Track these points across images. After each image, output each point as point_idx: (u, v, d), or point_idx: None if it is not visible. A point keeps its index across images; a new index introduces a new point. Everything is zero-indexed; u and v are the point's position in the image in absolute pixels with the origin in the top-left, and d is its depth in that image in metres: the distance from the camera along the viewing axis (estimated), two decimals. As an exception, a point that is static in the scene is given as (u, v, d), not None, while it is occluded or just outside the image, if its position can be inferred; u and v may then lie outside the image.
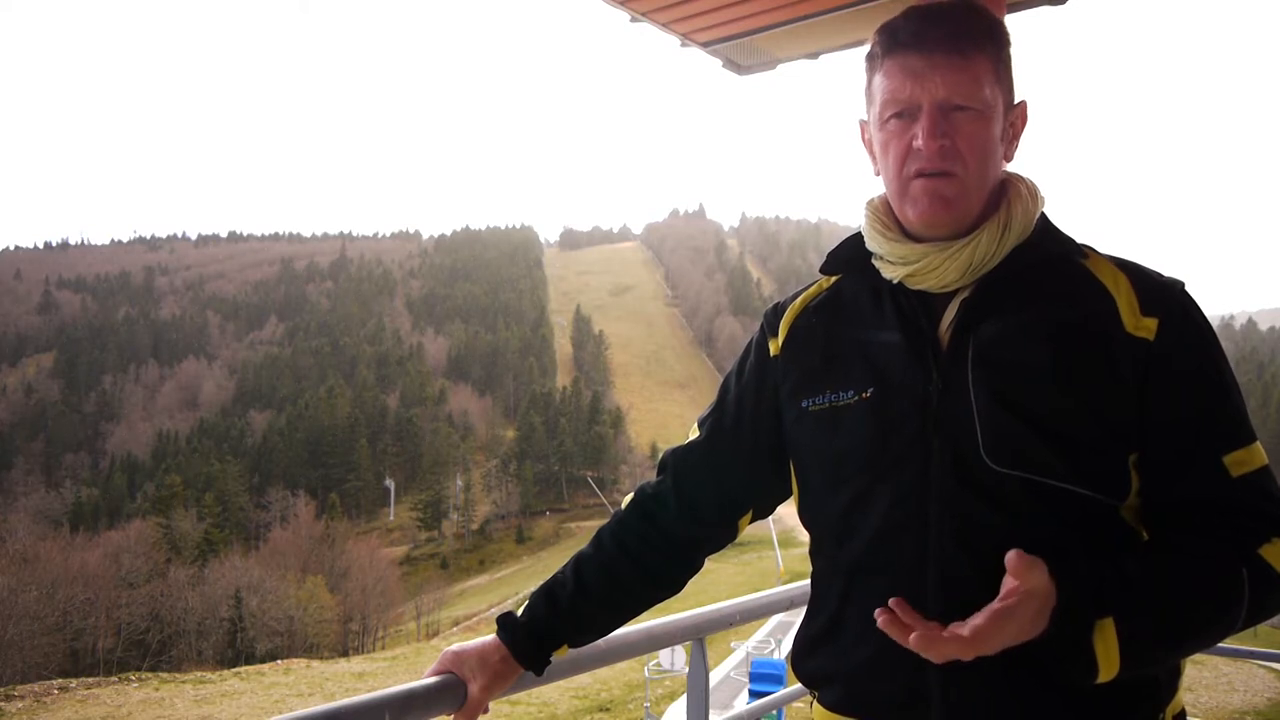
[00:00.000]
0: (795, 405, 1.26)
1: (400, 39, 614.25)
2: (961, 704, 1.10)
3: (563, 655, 1.37)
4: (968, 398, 1.11)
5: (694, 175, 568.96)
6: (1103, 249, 1.21)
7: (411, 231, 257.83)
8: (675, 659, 15.86)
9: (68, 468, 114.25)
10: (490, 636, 1.34)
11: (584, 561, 1.37)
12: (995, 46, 1.15)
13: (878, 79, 1.17)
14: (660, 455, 1.27)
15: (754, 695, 13.32)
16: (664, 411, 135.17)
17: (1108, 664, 1.01)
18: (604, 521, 1.40)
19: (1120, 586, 1.02)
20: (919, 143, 1.12)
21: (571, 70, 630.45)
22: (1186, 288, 1.15)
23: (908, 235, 1.20)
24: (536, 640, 1.33)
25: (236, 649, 51.67)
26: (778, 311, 1.35)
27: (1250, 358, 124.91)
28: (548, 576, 1.36)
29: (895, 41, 1.14)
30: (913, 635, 0.99)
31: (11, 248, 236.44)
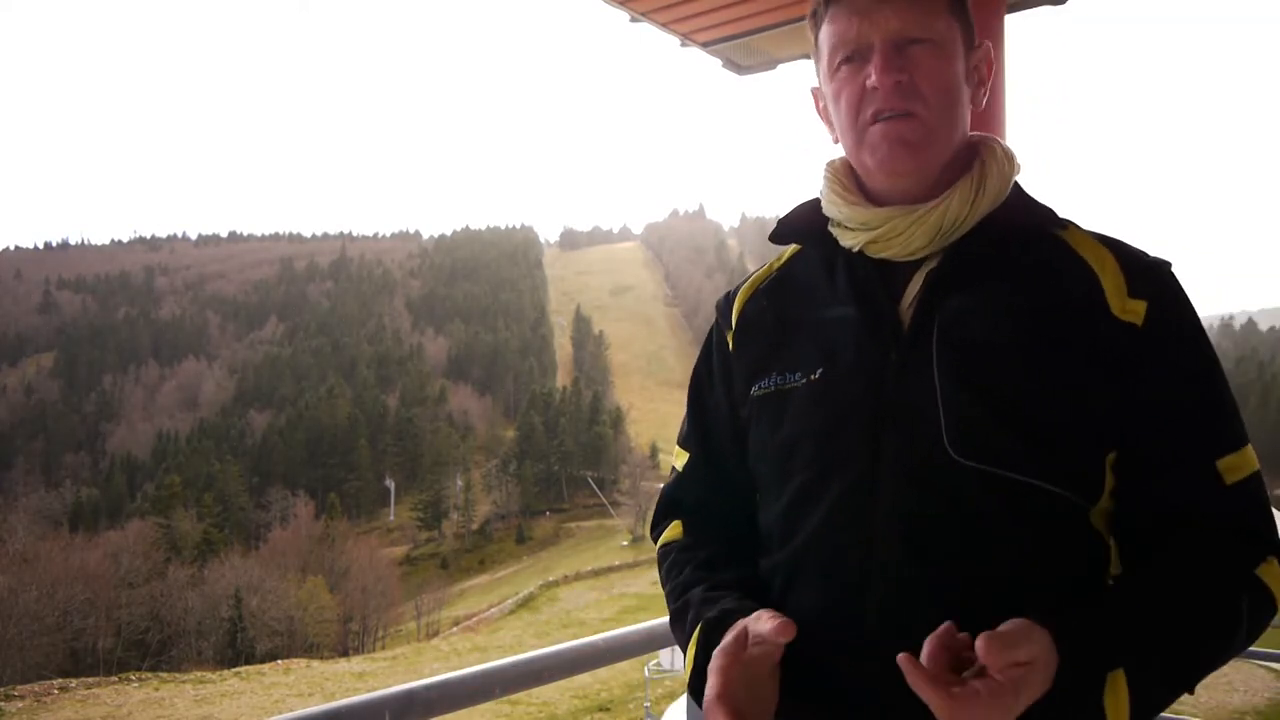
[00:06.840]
0: (746, 395, 1.13)
1: (400, 38, 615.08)
2: None
3: None
4: (931, 380, 0.97)
5: (694, 175, 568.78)
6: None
7: (411, 231, 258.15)
8: (675, 659, 15.73)
9: (68, 468, 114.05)
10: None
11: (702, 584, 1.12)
12: None
13: (824, 30, 1.05)
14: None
15: (754, 695, 13.30)
16: (664, 411, 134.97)
17: (1117, 718, 0.87)
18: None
19: (1129, 633, 0.88)
20: (872, 81, 0.99)
21: (571, 70, 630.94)
22: (1174, 268, 1.02)
23: (870, 200, 1.08)
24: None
25: (236, 649, 51.60)
26: (729, 299, 1.22)
27: (1250, 358, 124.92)
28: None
29: None
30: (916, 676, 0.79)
31: (11, 248, 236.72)
